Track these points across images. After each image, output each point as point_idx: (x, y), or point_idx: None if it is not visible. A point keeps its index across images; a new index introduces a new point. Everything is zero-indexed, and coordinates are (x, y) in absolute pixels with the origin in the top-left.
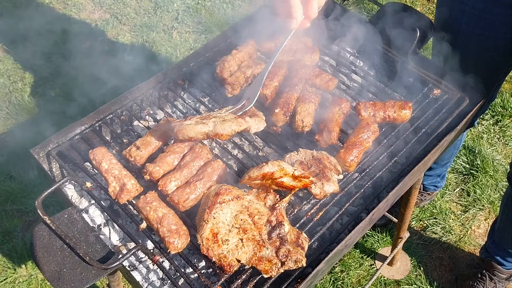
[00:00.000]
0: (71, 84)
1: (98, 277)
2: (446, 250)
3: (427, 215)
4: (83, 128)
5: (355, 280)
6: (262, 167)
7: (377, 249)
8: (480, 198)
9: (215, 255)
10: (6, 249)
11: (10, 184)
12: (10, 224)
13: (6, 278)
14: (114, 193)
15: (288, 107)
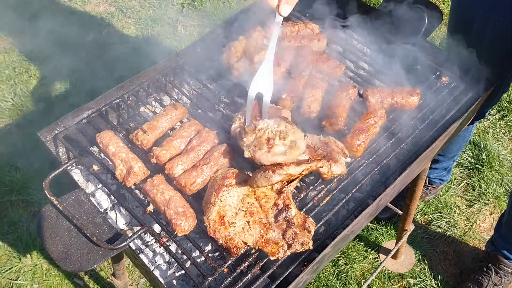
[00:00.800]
0: (76, 76)
1: (105, 258)
2: (450, 244)
3: (432, 209)
4: (90, 112)
5: (359, 273)
6: (270, 178)
7: (381, 243)
8: (485, 193)
9: (221, 237)
10: (12, 239)
11: (15, 174)
12: (16, 215)
13: (11, 267)
14: (121, 176)
15: (295, 92)
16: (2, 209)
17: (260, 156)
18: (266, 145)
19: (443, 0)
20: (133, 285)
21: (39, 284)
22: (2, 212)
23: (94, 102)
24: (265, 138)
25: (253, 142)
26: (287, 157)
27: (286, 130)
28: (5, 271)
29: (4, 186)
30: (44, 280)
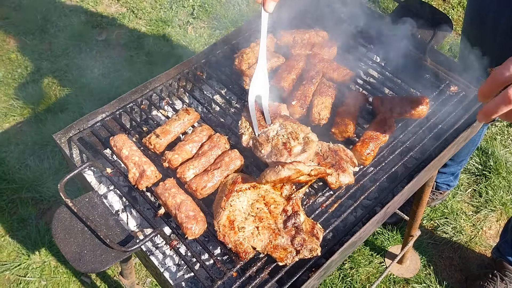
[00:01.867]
0: (86, 76)
1: (117, 259)
2: (456, 250)
3: (438, 215)
4: (104, 115)
5: (364, 277)
6: (279, 172)
7: (387, 247)
8: (492, 199)
9: (231, 241)
10: (21, 236)
11: (25, 172)
12: (25, 212)
13: (20, 264)
14: (134, 179)
15: (305, 99)
16: (12, 206)
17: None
18: (285, 150)
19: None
20: (139, 284)
21: (47, 281)
22: (12, 209)
23: (108, 105)
24: (281, 144)
25: (272, 152)
26: (308, 152)
27: (294, 130)
28: (14, 267)
29: (14, 183)
30: (52, 277)
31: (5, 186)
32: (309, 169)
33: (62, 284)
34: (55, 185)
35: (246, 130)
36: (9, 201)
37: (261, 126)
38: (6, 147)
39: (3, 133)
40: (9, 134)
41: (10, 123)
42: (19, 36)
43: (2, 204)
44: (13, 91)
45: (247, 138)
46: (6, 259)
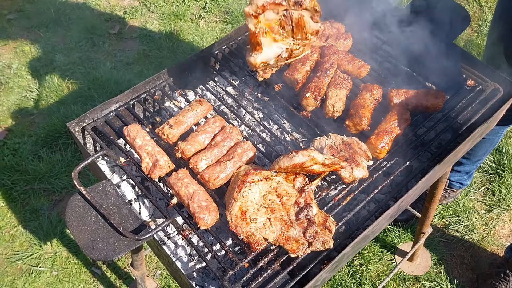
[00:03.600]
0: (99, 69)
1: (130, 248)
2: (468, 249)
3: (450, 213)
4: (117, 105)
5: (374, 274)
6: (292, 158)
7: (397, 244)
8: (505, 198)
9: (243, 232)
10: (33, 226)
11: (38, 163)
12: (37, 203)
13: (32, 254)
14: (147, 169)
15: (319, 91)
16: (25, 197)
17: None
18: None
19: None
20: (149, 276)
21: (59, 271)
22: (24, 200)
23: (122, 95)
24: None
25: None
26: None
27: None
28: (26, 257)
29: (27, 174)
30: (64, 267)
31: (18, 177)
32: (323, 157)
33: (73, 274)
34: (67, 176)
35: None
36: (21, 192)
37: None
38: (19, 138)
39: (17, 124)
40: (22, 125)
41: (23, 114)
42: (33, 29)
43: (15, 195)
44: (27, 83)
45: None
46: (19, 249)
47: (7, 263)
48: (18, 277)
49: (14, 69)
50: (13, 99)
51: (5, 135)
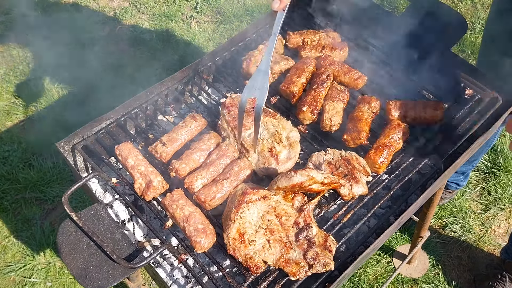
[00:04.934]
0: (89, 72)
1: (124, 275)
2: (465, 250)
3: (446, 214)
4: (108, 122)
5: (372, 277)
6: (291, 178)
7: (395, 247)
8: (501, 198)
9: (241, 255)
10: (25, 237)
11: (29, 172)
12: (29, 212)
13: (25, 265)
14: (140, 190)
15: (316, 105)
16: (16, 207)
17: (273, 172)
18: (272, 157)
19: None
20: (145, 285)
21: (53, 282)
22: (16, 210)
23: (112, 112)
24: (267, 151)
25: (260, 160)
26: (294, 159)
27: (276, 129)
28: (19, 268)
29: (18, 183)
30: (58, 278)
31: (8, 186)
32: (322, 176)
33: (67, 285)
34: (59, 184)
35: (228, 132)
36: (13, 201)
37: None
38: (9, 145)
39: (6, 131)
40: (12, 132)
41: (12, 121)
42: (21, 32)
43: (6, 205)
44: (15, 88)
45: (232, 141)
46: (11, 260)
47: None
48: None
49: (2, 74)
50: (2, 106)
51: None
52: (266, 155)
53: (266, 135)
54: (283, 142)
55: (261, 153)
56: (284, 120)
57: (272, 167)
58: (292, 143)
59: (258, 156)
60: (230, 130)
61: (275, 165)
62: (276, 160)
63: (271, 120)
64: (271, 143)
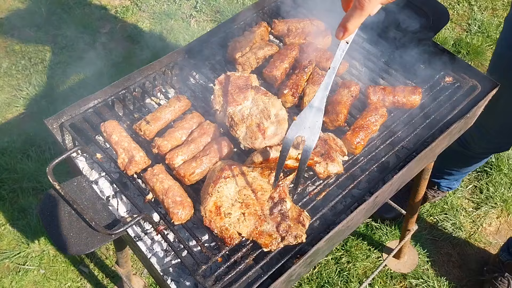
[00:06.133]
0: (89, 68)
1: (103, 243)
2: (455, 247)
3: (438, 211)
4: (96, 102)
5: (361, 272)
6: (266, 152)
7: (385, 242)
8: (493, 196)
9: (217, 227)
10: (21, 225)
11: (27, 162)
12: (26, 201)
13: (20, 252)
14: (123, 165)
15: (297, 88)
16: (13, 196)
17: (259, 145)
18: (259, 132)
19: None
20: (137, 274)
21: (46, 269)
22: (13, 199)
23: (100, 92)
24: (255, 125)
25: (247, 134)
26: (281, 134)
27: (266, 106)
28: (13, 255)
29: (16, 173)
30: (51, 266)
31: (6, 175)
32: (296, 152)
33: (60, 273)
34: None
35: (220, 106)
36: (10, 190)
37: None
38: (9, 137)
39: (6, 123)
40: (12, 124)
41: (13, 113)
42: (24, 28)
43: (3, 194)
44: (17, 82)
45: (222, 115)
46: (6, 248)
47: None
48: (5, 276)
49: (4, 68)
50: (3, 98)
51: None
52: (254, 130)
53: (256, 111)
54: (271, 118)
55: (249, 127)
56: (275, 99)
57: (258, 141)
58: (280, 120)
59: (245, 130)
60: (222, 104)
61: (262, 140)
62: (263, 135)
63: (261, 97)
64: (260, 119)
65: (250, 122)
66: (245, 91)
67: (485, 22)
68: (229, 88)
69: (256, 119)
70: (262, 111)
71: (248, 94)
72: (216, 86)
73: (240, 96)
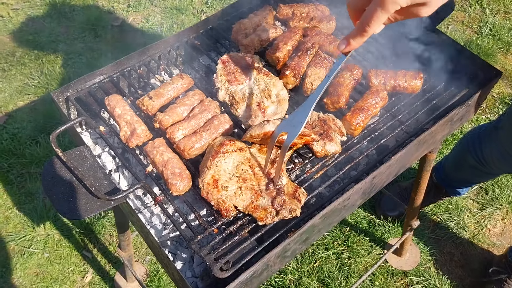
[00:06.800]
0: (100, 59)
1: (101, 208)
2: (458, 246)
3: (442, 210)
4: (101, 77)
5: (362, 267)
6: (263, 126)
7: (387, 239)
8: (498, 197)
9: (214, 199)
10: (27, 209)
11: (35, 148)
12: (33, 186)
13: (25, 235)
14: (125, 137)
15: (299, 69)
16: (21, 180)
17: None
18: (259, 111)
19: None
20: (139, 261)
21: (50, 253)
22: (20, 183)
23: (106, 68)
24: (255, 104)
25: (247, 113)
26: (281, 114)
27: (267, 86)
28: (19, 238)
29: (24, 158)
30: (55, 250)
31: (15, 160)
32: None
33: (64, 257)
34: None
35: (222, 84)
36: (18, 175)
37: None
38: (19, 123)
39: (17, 110)
40: (23, 111)
41: (24, 101)
42: (38, 19)
43: (12, 178)
44: (29, 70)
45: (224, 93)
46: (12, 231)
47: (0, 244)
48: (10, 258)
49: (18, 57)
50: (15, 86)
51: (5, 120)
52: (254, 108)
53: (257, 90)
54: (272, 98)
55: (250, 105)
56: (277, 79)
57: (258, 119)
58: (281, 100)
59: (245, 108)
60: (224, 83)
61: (261, 118)
62: (263, 113)
63: (263, 77)
64: (260, 98)
65: (251, 101)
66: (247, 71)
67: (496, 25)
68: (232, 68)
69: (257, 98)
70: (263, 91)
71: (250, 73)
72: (219, 65)
73: (242, 75)
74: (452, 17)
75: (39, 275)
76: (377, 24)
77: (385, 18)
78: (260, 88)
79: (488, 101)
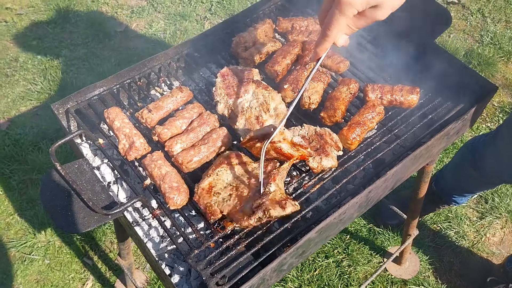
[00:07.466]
0: (103, 65)
1: (99, 223)
2: (457, 255)
3: (441, 219)
4: (101, 90)
5: (361, 276)
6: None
7: (387, 247)
8: (498, 206)
9: (203, 203)
10: (29, 215)
11: (37, 155)
12: (35, 193)
13: (26, 242)
14: (124, 150)
15: (297, 83)
16: (23, 187)
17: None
18: (258, 124)
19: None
20: (139, 269)
21: (51, 260)
22: (22, 189)
23: (106, 80)
24: (254, 118)
25: (246, 126)
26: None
27: (265, 100)
28: (20, 245)
29: (26, 164)
30: (56, 256)
31: (17, 166)
32: (291, 135)
33: (64, 264)
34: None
35: (221, 98)
36: (20, 181)
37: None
38: (21, 129)
39: (20, 116)
40: (25, 117)
41: (26, 106)
42: (42, 24)
43: (13, 184)
44: (32, 76)
45: (223, 106)
46: (13, 237)
47: (1, 250)
48: (11, 264)
49: (21, 62)
50: (18, 91)
51: (7, 125)
52: (253, 122)
53: (255, 104)
54: (270, 112)
55: (248, 119)
56: (275, 93)
57: None
58: (279, 113)
59: (244, 122)
60: (223, 96)
61: None
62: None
63: (262, 91)
64: (259, 112)
65: (249, 115)
66: (246, 85)
67: (497, 34)
68: (231, 81)
69: (255, 112)
70: (261, 104)
71: (249, 87)
72: (218, 79)
73: (241, 89)
74: (454, 25)
75: (40, 282)
76: (336, 28)
77: (344, 22)
78: (258, 101)
79: (489, 110)
